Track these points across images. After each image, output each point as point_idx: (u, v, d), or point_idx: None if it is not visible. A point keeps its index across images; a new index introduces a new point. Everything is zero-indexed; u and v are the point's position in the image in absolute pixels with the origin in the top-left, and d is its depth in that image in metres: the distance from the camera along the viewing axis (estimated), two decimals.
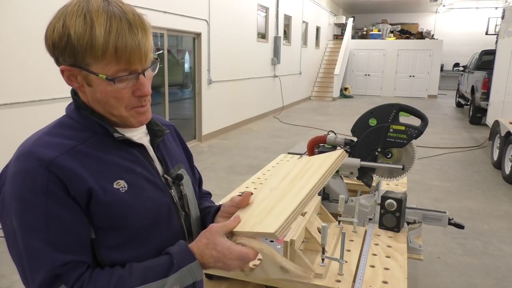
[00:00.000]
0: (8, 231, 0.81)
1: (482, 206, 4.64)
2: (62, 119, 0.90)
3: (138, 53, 0.80)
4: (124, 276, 0.81)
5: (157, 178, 0.94)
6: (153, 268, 0.83)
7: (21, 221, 0.78)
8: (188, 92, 7.56)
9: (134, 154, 0.91)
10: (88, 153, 0.84)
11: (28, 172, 0.78)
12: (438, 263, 3.31)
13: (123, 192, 0.85)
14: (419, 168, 5.93)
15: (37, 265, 0.77)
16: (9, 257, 3.16)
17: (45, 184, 0.78)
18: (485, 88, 8.94)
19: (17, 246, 0.79)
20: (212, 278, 1.67)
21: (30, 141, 0.84)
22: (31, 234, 0.77)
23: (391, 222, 1.78)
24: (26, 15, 3.91)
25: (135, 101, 0.85)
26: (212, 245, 0.86)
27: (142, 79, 0.84)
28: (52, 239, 0.78)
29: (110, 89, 0.82)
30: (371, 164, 1.92)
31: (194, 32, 7.13)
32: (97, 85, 0.82)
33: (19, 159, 0.81)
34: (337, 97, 15.57)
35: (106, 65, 0.79)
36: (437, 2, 17.37)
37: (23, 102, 3.99)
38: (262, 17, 10.29)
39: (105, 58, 0.78)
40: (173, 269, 0.83)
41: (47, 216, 0.78)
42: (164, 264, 0.83)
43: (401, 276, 1.44)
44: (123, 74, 0.81)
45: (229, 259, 0.85)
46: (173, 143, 1.09)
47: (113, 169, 0.86)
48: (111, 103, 0.84)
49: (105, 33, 0.77)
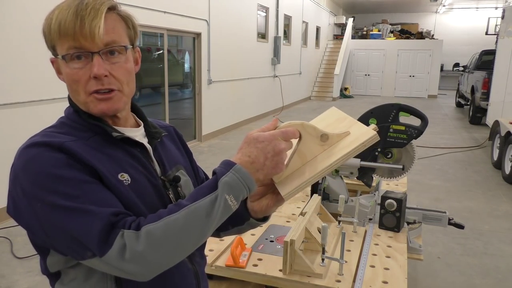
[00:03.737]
0: (41, 215, 0.78)
1: (482, 206, 4.63)
2: (63, 121, 0.91)
3: (81, 28, 0.80)
4: (176, 204, 0.80)
5: (156, 179, 0.94)
6: (202, 188, 0.81)
7: (57, 195, 0.77)
8: (188, 92, 7.56)
9: (135, 153, 0.92)
10: (93, 147, 0.86)
11: (42, 154, 0.79)
12: (438, 263, 3.31)
13: (126, 185, 0.86)
14: (419, 168, 5.93)
15: (90, 222, 0.76)
16: (9, 257, 3.14)
17: (63, 158, 0.79)
18: (485, 88, 8.93)
19: (60, 220, 0.77)
20: (212, 278, 1.67)
21: (35, 136, 0.85)
22: (72, 201, 0.77)
23: (391, 222, 1.79)
24: (26, 15, 3.91)
25: (93, 84, 0.84)
26: (252, 141, 0.83)
27: (96, 60, 0.83)
28: (94, 199, 0.78)
29: (68, 70, 0.84)
30: (371, 164, 1.92)
31: (194, 32, 7.13)
32: (62, 69, 0.86)
33: (25, 151, 0.81)
34: (337, 97, 15.57)
35: (61, 46, 0.83)
36: (437, 2, 17.36)
37: (23, 102, 3.98)
38: (262, 17, 10.28)
39: (59, 37, 0.82)
40: (218, 179, 0.80)
41: (79, 182, 0.78)
42: (210, 181, 0.81)
43: (401, 276, 1.45)
44: (72, 52, 0.83)
45: (274, 142, 0.82)
46: (173, 145, 1.09)
47: (117, 162, 0.87)
48: (73, 87, 0.86)
49: (59, 13, 0.81)
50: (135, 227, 0.76)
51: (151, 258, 0.75)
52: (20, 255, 3.24)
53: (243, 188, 0.81)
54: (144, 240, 0.75)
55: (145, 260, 0.75)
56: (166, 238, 0.76)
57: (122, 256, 0.75)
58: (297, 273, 1.44)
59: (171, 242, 0.76)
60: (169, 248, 0.77)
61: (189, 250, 0.81)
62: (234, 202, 0.80)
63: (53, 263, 0.87)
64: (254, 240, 1.69)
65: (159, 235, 0.75)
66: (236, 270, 1.50)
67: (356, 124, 0.89)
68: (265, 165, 0.82)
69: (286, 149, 0.85)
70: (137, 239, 0.75)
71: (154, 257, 0.76)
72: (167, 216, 0.77)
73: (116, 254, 0.75)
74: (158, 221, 0.77)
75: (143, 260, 0.75)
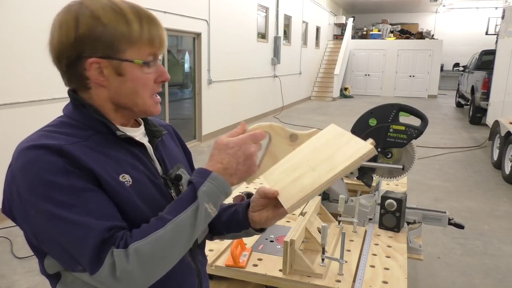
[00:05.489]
0: (35, 222, 0.77)
1: (482, 206, 4.63)
2: (62, 119, 0.89)
3: (164, 36, 0.86)
4: (159, 219, 0.81)
5: (158, 178, 0.94)
6: (181, 199, 0.83)
7: (52, 202, 0.75)
8: (188, 92, 7.56)
9: (135, 153, 0.92)
10: (92, 147, 0.84)
11: (40, 159, 0.77)
12: (438, 263, 3.31)
13: (127, 186, 0.85)
14: (419, 168, 5.93)
15: (83, 237, 0.75)
16: (9, 257, 3.14)
17: (61, 164, 0.77)
18: (485, 88, 8.94)
19: (53, 229, 0.76)
20: (212, 278, 1.67)
21: (32, 136, 0.83)
22: (67, 210, 0.75)
23: (391, 222, 1.79)
24: (26, 15, 3.91)
25: (156, 87, 0.89)
26: (223, 147, 0.86)
27: (160, 65, 0.88)
28: (90, 209, 0.77)
29: (140, 75, 0.85)
30: (371, 164, 1.92)
31: (194, 32, 7.13)
32: (130, 72, 0.84)
33: (24, 153, 0.79)
34: (337, 97, 15.57)
35: (139, 50, 0.83)
36: (437, 2, 17.36)
37: (23, 102, 3.98)
38: (262, 17, 10.28)
39: (141, 42, 0.83)
40: (196, 189, 0.82)
41: (76, 190, 0.77)
42: (188, 192, 0.83)
43: (401, 276, 1.45)
44: (151, 59, 0.85)
45: (245, 146, 0.86)
46: (172, 143, 1.09)
47: (118, 163, 0.86)
48: (139, 91, 0.86)
49: (136, 18, 0.82)
50: (123, 245, 0.76)
51: (141, 275, 0.77)
52: (20, 255, 3.24)
53: (220, 195, 0.84)
54: (133, 259, 0.76)
55: (135, 278, 0.76)
56: (154, 254, 0.77)
57: (113, 275, 0.75)
58: (297, 273, 1.44)
59: (159, 258, 0.78)
60: (157, 264, 0.78)
61: (176, 261, 0.83)
62: (214, 209, 0.83)
63: (50, 265, 0.86)
64: (254, 240, 1.69)
65: (148, 252, 0.77)
66: (236, 270, 1.50)
67: (355, 139, 0.95)
68: (238, 169, 0.86)
69: (256, 151, 0.88)
70: (127, 258, 0.75)
71: (143, 274, 0.77)
72: (153, 232, 0.78)
73: (107, 273, 0.75)
74: (145, 238, 0.77)
75: (133, 278, 0.76)
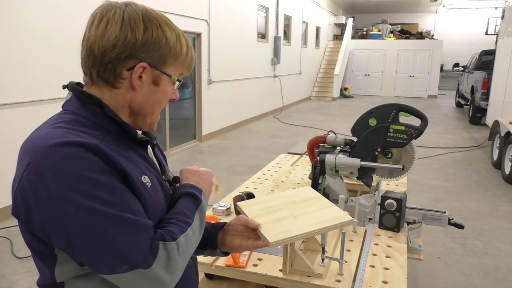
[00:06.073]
0: (71, 220, 0.72)
1: (482, 206, 4.64)
2: (71, 116, 0.83)
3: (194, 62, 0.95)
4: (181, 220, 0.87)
5: (162, 179, 0.95)
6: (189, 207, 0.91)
7: (96, 200, 0.72)
8: (188, 92, 7.56)
9: (143, 154, 0.92)
10: (112, 148, 0.80)
11: (78, 156, 0.73)
12: (438, 263, 3.31)
13: (149, 187, 0.86)
14: (419, 168, 5.93)
15: (135, 232, 0.75)
16: (9, 257, 3.13)
17: (100, 163, 0.75)
18: (485, 88, 8.94)
19: (97, 227, 0.72)
20: (212, 278, 1.67)
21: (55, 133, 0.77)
22: (112, 207, 0.74)
23: (391, 222, 1.79)
24: (26, 15, 3.91)
25: (165, 104, 0.94)
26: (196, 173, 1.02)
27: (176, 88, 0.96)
28: (132, 208, 0.78)
29: (169, 90, 0.91)
30: (371, 164, 1.92)
31: (194, 32, 7.13)
32: (164, 85, 0.89)
33: (56, 150, 0.73)
34: (337, 97, 15.57)
35: (177, 69, 0.91)
36: (437, 2, 17.36)
37: (23, 102, 3.98)
38: (262, 17, 10.28)
39: (182, 63, 0.91)
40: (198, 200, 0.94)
41: (115, 189, 0.76)
42: (191, 200, 0.93)
43: (401, 276, 1.45)
44: (181, 79, 0.94)
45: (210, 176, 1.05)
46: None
47: (137, 164, 0.86)
48: (161, 103, 0.92)
49: (185, 41, 0.91)
50: (171, 239, 0.81)
51: (182, 268, 0.83)
52: (20, 255, 3.24)
53: (205, 208, 0.95)
54: (181, 251, 0.82)
55: (179, 271, 0.82)
56: (188, 249, 0.85)
57: (167, 268, 0.78)
58: (297, 273, 1.44)
59: (188, 254, 0.86)
60: (187, 259, 0.86)
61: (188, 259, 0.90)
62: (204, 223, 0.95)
63: (63, 272, 0.80)
64: None
65: (186, 247, 0.84)
66: (236, 270, 1.50)
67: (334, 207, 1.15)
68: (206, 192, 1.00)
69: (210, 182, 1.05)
70: (178, 250, 0.81)
71: (182, 267, 0.83)
72: (186, 230, 0.85)
73: (162, 265, 0.77)
74: (183, 234, 0.84)
75: (179, 270, 0.82)
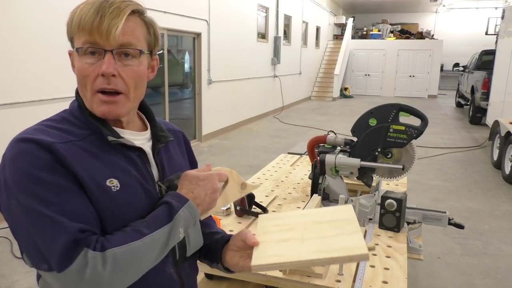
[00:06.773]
0: (13, 212, 0.78)
1: (482, 206, 4.63)
2: (64, 115, 0.91)
3: (99, 25, 0.81)
4: (136, 230, 0.82)
5: (151, 185, 0.93)
6: (157, 217, 0.85)
7: (32, 196, 0.76)
8: (188, 92, 7.56)
9: (131, 156, 0.91)
10: (85, 148, 0.84)
11: (30, 152, 0.79)
12: (438, 263, 3.31)
13: (114, 191, 0.84)
14: (419, 168, 5.93)
15: (55, 234, 0.75)
16: (9, 257, 3.13)
17: (49, 161, 0.79)
18: (485, 88, 8.94)
19: (28, 223, 0.77)
20: (212, 278, 1.68)
21: (30, 129, 0.85)
22: (44, 206, 0.76)
23: (391, 222, 1.78)
24: (26, 15, 3.91)
25: (100, 82, 0.84)
26: (194, 179, 0.92)
27: (106, 58, 0.83)
28: (67, 209, 0.77)
29: (80, 64, 0.85)
30: (371, 164, 1.92)
31: (194, 32, 7.13)
32: (75, 62, 0.86)
33: (17, 143, 0.81)
34: (337, 97, 15.56)
35: (78, 39, 0.84)
36: (437, 2, 17.36)
37: (23, 102, 3.98)
38: (262, 17, 10.28)
39: (77, 30, 0.83)
40: (174, 212, 0.86)
41: (58, 188, 0.78)
42: (165, 211, 0.86)
43: (401, 276, 1.44)
44: (86, 46, 0.83)
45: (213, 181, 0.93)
46: (178, 151, 1.08)
47: (109, 167, 0.86)
48: (82, 82, 0.86)
49: (83, 7, 0.83)
50: (100, 248, 0.77)
51: (109, 281, 0.77)
52: (20, 255, 3.24)
53: (192, 222, 0.89)
54: (110, 264, 0.76)
55: (102, 283, 0.76)
56: (128, 263, 0.79)
57: (81, 276, 0.75)
58: (297, 273, 1.44)
59: (131, 268, 0.80)
60: (127, 273, 0.80)
61: (139, 276, 0.83)
62: (183, 234, 0.88)
63: None
64: None
65: (124, 260, 0.78)
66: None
67: (359, 234, 0.91)
68: (204, 201, 0.91)
69: (219, 188, 0.95)
70: (103, 261, 0.76)
71: (112, 281, 0.77)
72: (131, 242, 0.79)
73: (75, 273, 0.75)
74: (123, 246, 0.78)
75: (101, 282, 0.76)
